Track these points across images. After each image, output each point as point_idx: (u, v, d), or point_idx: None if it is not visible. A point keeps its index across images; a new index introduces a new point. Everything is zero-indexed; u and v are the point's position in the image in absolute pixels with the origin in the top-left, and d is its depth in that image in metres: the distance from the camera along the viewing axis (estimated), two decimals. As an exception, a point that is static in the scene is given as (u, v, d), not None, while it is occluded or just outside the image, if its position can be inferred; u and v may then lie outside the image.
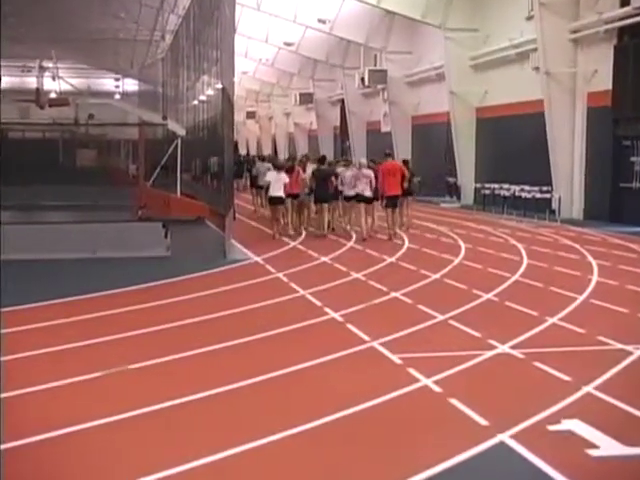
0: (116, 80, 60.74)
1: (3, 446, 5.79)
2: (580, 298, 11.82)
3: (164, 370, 8.05)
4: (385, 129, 38.71)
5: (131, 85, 59.84)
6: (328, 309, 10.96)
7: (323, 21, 36.95)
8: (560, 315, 10.54)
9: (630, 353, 8.60)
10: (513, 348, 8.79)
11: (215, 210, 22.20)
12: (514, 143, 28.09)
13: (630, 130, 23.00)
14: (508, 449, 5.86)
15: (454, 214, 27.44)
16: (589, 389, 7.26)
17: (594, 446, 5.89)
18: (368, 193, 19.55)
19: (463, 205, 30.92)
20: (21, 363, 8.26)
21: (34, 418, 6.60)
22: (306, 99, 49.92)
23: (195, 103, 35.94)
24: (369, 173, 19.68)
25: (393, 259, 16.15)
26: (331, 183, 20.27)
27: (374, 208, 20.42)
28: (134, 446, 5.99)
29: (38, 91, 38.26)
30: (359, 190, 19.59)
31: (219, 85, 23.49)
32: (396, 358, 8.37)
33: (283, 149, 58.11)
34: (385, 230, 20.10)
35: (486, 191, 29.03)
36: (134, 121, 30.62)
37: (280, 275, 13.99)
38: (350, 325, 9.98)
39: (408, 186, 21.03)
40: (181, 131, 26.92)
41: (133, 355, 8.47)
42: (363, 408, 6.75)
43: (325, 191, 20.10)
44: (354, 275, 14.03)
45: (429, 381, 7.50)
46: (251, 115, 61.81)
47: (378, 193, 19.92)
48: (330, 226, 20.85)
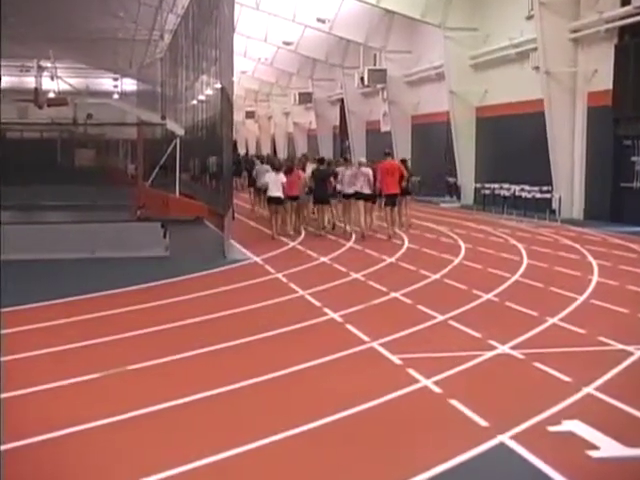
0: (115, 80, 60.61)
1: (3, 447, 5.78)
2: (580, 298, 11.82)
3: (164, 370, 8.05)
4: (385, 129, 38.68)
5: (130, 85, 59.73)
6: (327, 309, 10.96)
7: (322, 20, 36.90)
8: (560, 315, 10.53)
9: (631, 354, 8.60)
10: (513, 348, 8.79)
11: (214, 210, 22.19)
12: (514, 143, 28.07)
13: (631, 130, 22.99)
14: (508, 450, 5.85)
15: (454, 214, 27.43)
16: (589, 390, 7.26)
17: (594, 447, 5.89)
18: (367, 190, 19.71)
19: (463, 205, 30.90)
20: (21, 363, 8.26)
21: (35, 418, 6.60)
22: (305, 99, 49.84)
23: (194, 103, 35.92)
24: (367, 171, 19.89)
25: (393, 259, 16.15)
26: (330, 183, 20.33)
27: (372, 207, 20.54)
28: (135, 446, 5.99)
29: (36, 91, 38.34)
30: (358, 188, 19.73)
31: (218, 85, 23.49)
32: (396, 358, 8.36)
33: (282, 149, 58.08)
34: (384, 230, 20.15)
35: (486, 191, 29.02)
36: (133, 121, 30.56)
37: (279, 275, 13.99)
38: (350, 325, 9.98)
39: (406, 185, 21.18)
40: (180, 131, 26.89)
41: (133, 355, 8.47)
42: (363, 409, 6.75)
43: (324, 191, 20.20)
44: (354, 275, 14.03)
45: (429, 382, 7.49)
46: (250, 115, 61.72)
47: (377, 191, 20.04)
48: (331, 222, 20.93)
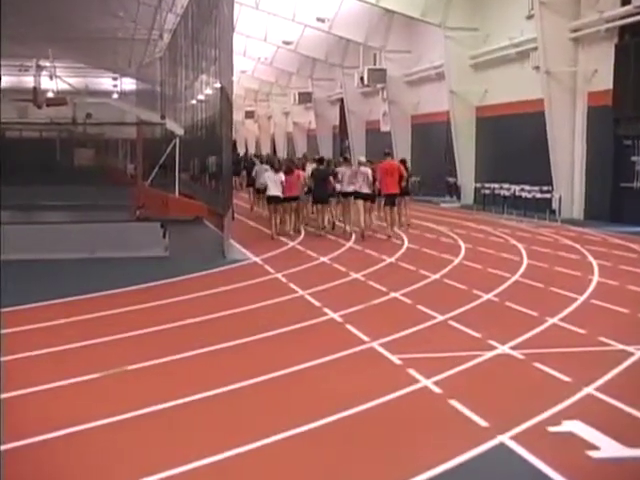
0: (114, 79, 60.58)
1: (3, 447, 5.78)
2: (580, 298, 11.82)
3: (164, 370, 8.05)
4: (384, 128, 38.67)
5: (129, 84, 59.72)
6: (327, 309, 10.95)
7: (322, 20, 36.91)
8: (560, 315, 10.53)
9: (631, 354, 8.59)
10: (513, 349, 8.78)
11: (214, 210, 22.18)
12: (514, 143, 28.06)
13: (631, 129, 22.97)
14: (508, 450, 5.85)
15: (454, 214, 27.43)
16: (589, 390, 7.25)
17: (594, 447, 5.89)
18: (366, 190, 19.76)
19: (463, 205, 30.89)
20: (21, 363, 8.25)
21: (35, 418, 6.59)
22: (305, 98, 49.81)
23: (193, 102, 35.91)
24: (366, 170, 19.96)
25: (392, 259, 16.15)
26: (329, 183, 20.34)
27: (372, 207, 20.58)
28: (135, 446, 5.99)
29: (36, 90, 38.28)
30: (357, 187, 19.76)
31: (217, 84, 23.48)
32: (396, 359, 8.36)
33: (282, 148, 58.06)
34: (384, 230, 20.16)
35: (486, 191, 29.01)
36: (132, 120, 30.55)
37: (279, 275, 13.98)
38: (349, 325, 9.98)
39: (406, 185, 21.22)
40: (179, 130, 26.89)
41: (133, 355, 8.47)
42: (363, 409, 6.74)
43: (324, 191, 20.22)
44: (353, 275, 14.03)
45: (429, 382, 7.49)
46: (250, 114, 61.70)
47: (376, 191, 20.09)
48: (330, 222, 20.94)
